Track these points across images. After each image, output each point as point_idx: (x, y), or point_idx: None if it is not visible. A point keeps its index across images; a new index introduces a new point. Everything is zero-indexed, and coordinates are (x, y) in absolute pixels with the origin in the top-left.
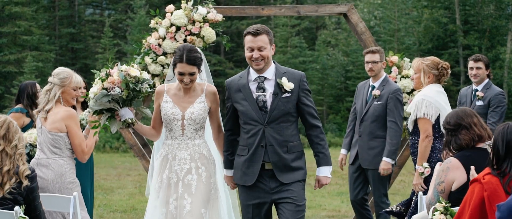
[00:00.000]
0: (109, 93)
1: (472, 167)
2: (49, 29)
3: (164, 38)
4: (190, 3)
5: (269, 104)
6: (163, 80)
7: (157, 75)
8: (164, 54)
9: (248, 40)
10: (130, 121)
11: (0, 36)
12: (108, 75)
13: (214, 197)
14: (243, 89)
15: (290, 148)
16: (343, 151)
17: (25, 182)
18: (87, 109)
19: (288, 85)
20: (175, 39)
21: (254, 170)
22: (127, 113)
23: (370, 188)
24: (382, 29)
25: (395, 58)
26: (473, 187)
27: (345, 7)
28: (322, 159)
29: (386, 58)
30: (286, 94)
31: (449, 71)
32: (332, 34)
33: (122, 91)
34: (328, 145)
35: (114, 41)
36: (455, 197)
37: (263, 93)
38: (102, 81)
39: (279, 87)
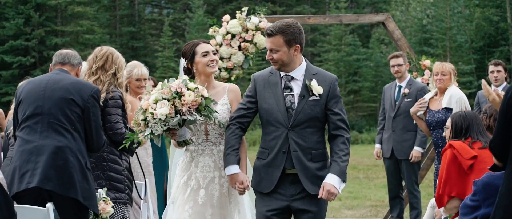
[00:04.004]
0: (187, 119)
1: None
2: (110, 28)
3: (221, 45)
4: (244, 13)
5: (295, 106)
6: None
7: (215, 78)
8: (221, 59)
9: (265, 40)
10: (190, 141)
11: (63, 35)
12: (179, 95)
13: (234, 210)
14: (273, 86)
15: (314, 156)
16: (377, 145)
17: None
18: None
19: (317, 89)
20: (230, 45)
21: (273, 176)
22: (186, 133)
23: (403, 179)
24: (435, 28)
25: (427, 62)
26: (445, 154)
27: (383, 16)
28: (333, 168)
29: (419, 62)
30: (314, 97)
31: None
32: (386, 32)
33: (201, 116)
34: (348, 158)
35: (173, 39)
36: None
37: (291, 93)
38: (168, 100)
39: (307, 89)
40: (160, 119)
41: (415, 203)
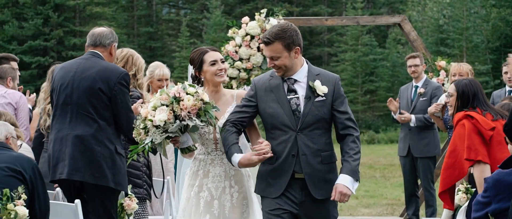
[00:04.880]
0: (187, 124)
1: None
2: (128, 28)
3: (240, 46)
4: (263, 15)
5: (302, 108)
6: (240, 83)
7: (234, 78)
8: (240, 59)
9: (263, 48)
10: (193, 147)
11: (82, 36)
12: (178, 99)
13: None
14: (275, 90)
15: (324, 158)
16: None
17: None
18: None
19: (321, 89)
20: (249, 46)
21: (282, 181)
22: (188, 140)
23: (418, 177)
24: (451, 28)
25: (443, 63)
26: (461, 124)
27: (399, 18)
28: (345, 167)
29: (435, 62)
30: (320, 98)
31: None
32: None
33: (202, 121)
34: (359, 156)
35: (191, 40)
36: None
37: (296, 96)
38: (167, 106)
39: (311, 90)
40: (159, 125)
41: (430, 201)
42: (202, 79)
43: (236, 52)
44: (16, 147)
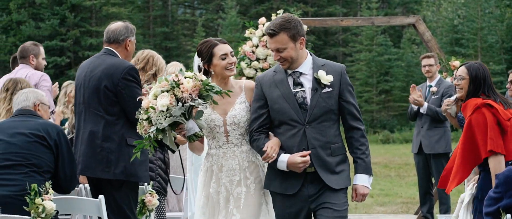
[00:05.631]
0: (190, 105)
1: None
2: (143, 29)
3: (257, 46)
4: (279, 15)
5: (309, 101)
6: None
7: (251, 78)
8: (257, 59)
9: (268, 40)
10: (200, 134)
11: (98, 36)
12: (177, 83)
13: (265, 212)
14: (280, 84)
15: (333, 150)
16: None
17: None
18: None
19: (326, 78)
20: (266, 46)
21: (297, 176)
22: (194, 126)
23: (432, 175)
24: (466, 28)
25: (456, 63)
26: (480, 112)
27: (413, 18)
28: (360, 166)
29: (449, 62)
30: (327, 89)
31: None
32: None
33: (205, 101)
34: (369, 151)
35: None
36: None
37: (302, 89)
38: (168, 92)
39: (317, 81)
40: (162, 111)
41: (444, 199)
42: (212, 73)
43: (253, 52)
44: (46, 114)
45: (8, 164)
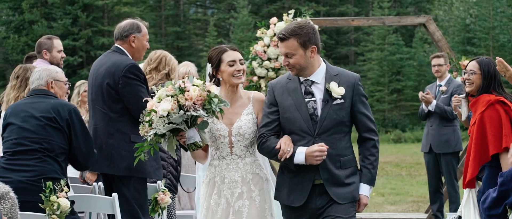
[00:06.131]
0: (193, 114)
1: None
2: (155, 28)
3: (268, 46)
4: (291, 15)
5: (319, 112)
6: (268, 82)
7: (263, 77)
8: (269, 59)
9: (279, 44)
10: (200, 144)
11: (110, 35)
12: (182, 90)
13: None
14: (293, 93)
15: (343, 163)
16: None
17: None
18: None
19: (337, 91)
20: (277, 46)
21: (303, 188)
22: (195, 135)
23: (442, 174)
24: (478, 27)
25: (466, 62)
26: (494, 108)
27: (424, 18)
28: (365, 176)
29: (459, 62)
30: (338, 101)
31: None
32: None
33: (207, 112)
34: (378, 163)
35: (218, 39)
36: None
37: (313, 99)
38: (172, 97)
39: (328, 93)
40: (162, 115)
41: (454, 197)
42: (220, 79)
43: (264, 52)
44: (61, 91)
45: (22, 150)
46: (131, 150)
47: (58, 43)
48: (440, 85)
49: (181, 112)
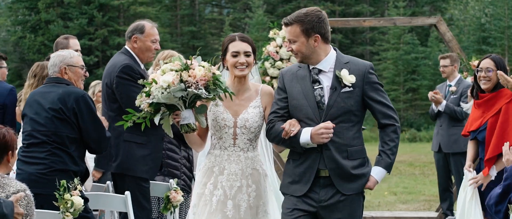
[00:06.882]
0: (193, 91)
1: None
2: (171, 28)
3: (280, 46)
4: None
5: (326, 99)
6: None
7: (275, 78)
8: (281, 59)
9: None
10: (193, 126)
11: None
12: (187, 67)
13: None
14: (301, 80)
15: (351, 153)
16: None
17: None
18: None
19: (348, 78)
20: None
21: (306, 178)
22: (190, 117)
23: (451, 173)
24: (493, 27)
25: (476, 62)
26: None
27: (435, 19)
28: (383, 161)
29: (470, 62)
30: (347, 88)
31: None
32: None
33: (209, 94)
34: (397, 150)
35: None
36: None
37: (319, 86)
38: (176, 71)
39: (338, 80)
40: (162, 86)
41: None
42: (227, 68)
43: (277, 52)
44: (75, 76)
45: (34, 142)
46: (124, 149)
47: (74, 43)
48: (450, 85)
49: (182, 85)
